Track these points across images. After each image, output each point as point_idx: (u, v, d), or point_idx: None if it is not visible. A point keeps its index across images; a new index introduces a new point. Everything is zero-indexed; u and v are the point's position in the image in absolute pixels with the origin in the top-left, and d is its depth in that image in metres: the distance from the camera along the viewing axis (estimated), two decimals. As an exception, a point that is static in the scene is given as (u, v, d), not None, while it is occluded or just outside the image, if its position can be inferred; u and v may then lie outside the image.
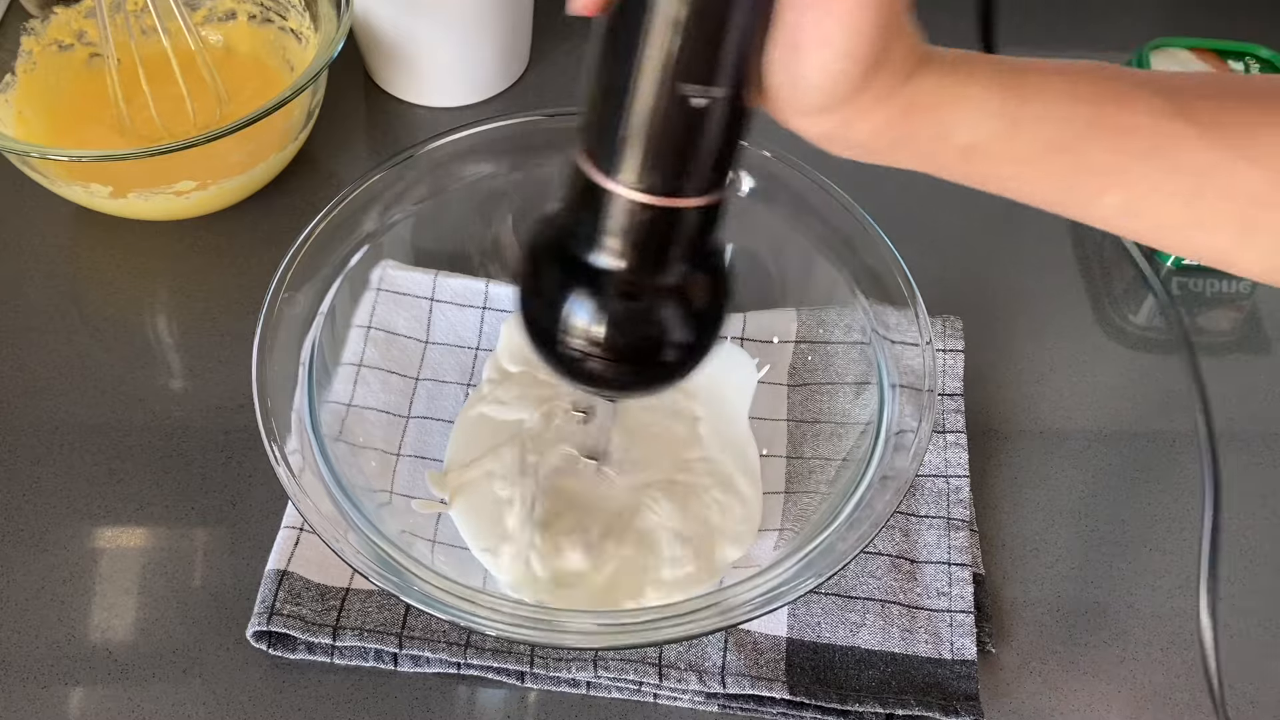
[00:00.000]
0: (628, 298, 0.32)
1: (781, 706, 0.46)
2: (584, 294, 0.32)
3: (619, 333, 0.32)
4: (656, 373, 0.35)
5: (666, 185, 0.30)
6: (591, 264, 0.32)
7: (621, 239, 0.31)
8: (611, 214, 0.31)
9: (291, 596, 0.46)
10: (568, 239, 0.32)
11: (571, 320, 0.32)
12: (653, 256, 0.32)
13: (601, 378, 0.34)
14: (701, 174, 0.30)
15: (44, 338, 0.58)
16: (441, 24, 0.66)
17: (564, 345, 0.33)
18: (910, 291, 0.49)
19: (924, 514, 0.51)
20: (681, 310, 0.33)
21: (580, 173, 0.31)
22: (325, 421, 0.47)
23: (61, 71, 0.65)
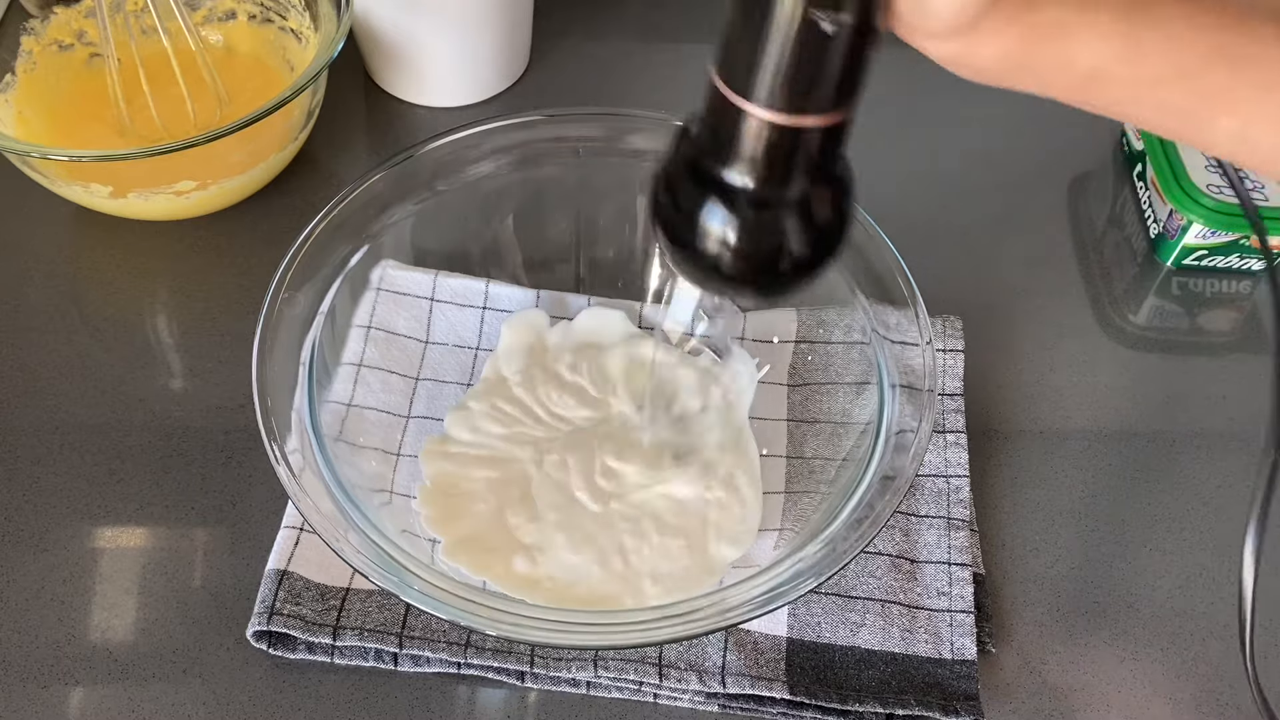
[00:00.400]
0: (755, 209, 0.34)
1: (782, 706, 0.46)
2: (715, 206, 0.34)
3: (746, 242, 0.34)
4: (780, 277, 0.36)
5: (795, 105, 0.31)
6: (722, 178, 0.33)
7: (750, 154, 0.33)
8: (742, 131, 0.32)
9: (291, 596, 0.46)
10: (701, 153, 0.34)
11: (704, 229, 0.34)
12: (779, 171, 0.33)
13: (730, 280, 0.36)
14: (829, 95, 0.32)
15: (44, 338, 0.58)
16: (441, 24, 0.66)
17: (697, 253, 0.35)
18: (910, 291, 0.49)
19: (924, 514, 0.51)
20: (804, 221, 0.35)
21: (714, 89, 0.33)
22: (325, 421, 0.47)
23: (61, 71, 0.65)
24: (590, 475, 0.51)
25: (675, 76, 0.73)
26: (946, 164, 0.70)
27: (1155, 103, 0.30)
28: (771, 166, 0.33)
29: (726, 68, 0.32)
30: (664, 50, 0.75)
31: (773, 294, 0.37)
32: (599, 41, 0.76)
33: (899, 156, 0.70)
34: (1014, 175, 0.69)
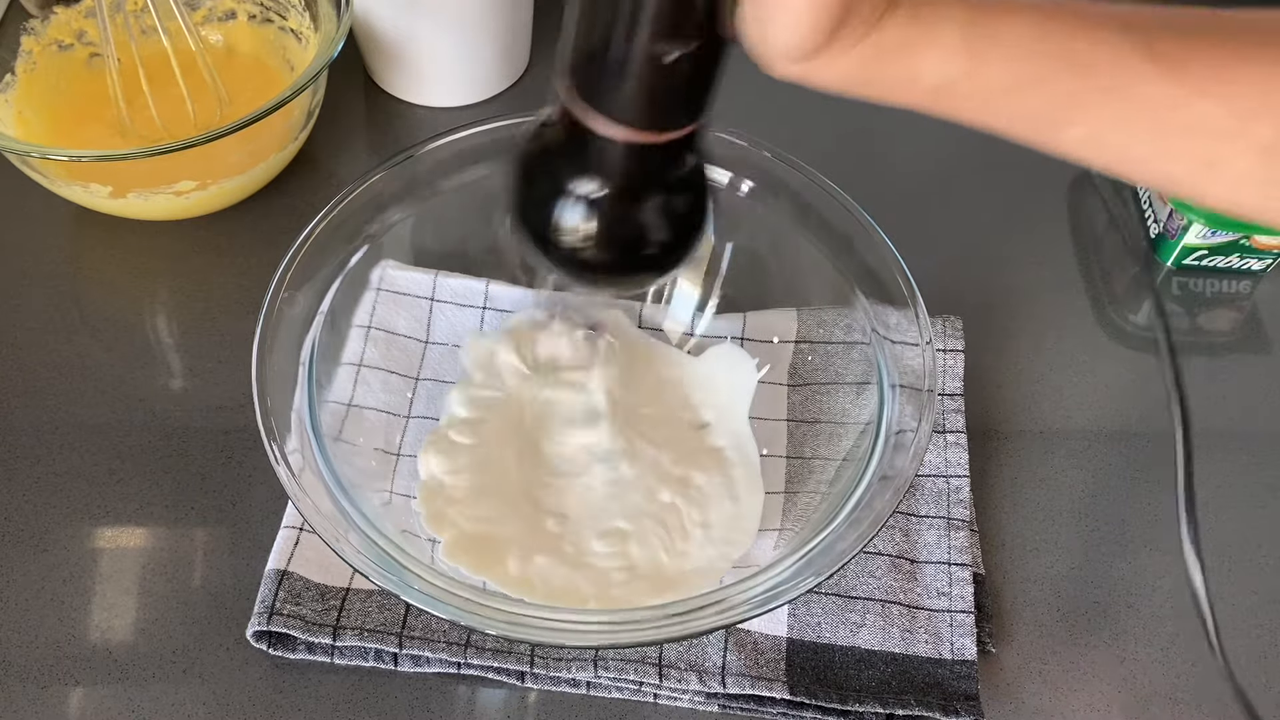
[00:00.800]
0: (607, 218, 0.35)
1: (781, 706, 0.46)
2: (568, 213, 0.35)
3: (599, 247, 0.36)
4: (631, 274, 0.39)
5: (644, 123, 0.32)
6: (574, 189, 0.34)
7: (602, 168, 0.34)
8: (592, 147, 0.33)
9: (291, 596, 0.46)
10: (553, 164, 0.35)
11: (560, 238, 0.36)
12: (630, 181, 0.34)
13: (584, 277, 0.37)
14: (679, 112, 0.33)
15: (44, 338, 0.58)
16: (441, 24, 0.66)
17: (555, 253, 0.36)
18: (910, 291, 0.49)
19: (924, 514, 0.51)
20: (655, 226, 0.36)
21: (562, 101, 0.33)
22: (325, 421, 0.47)
23: (61, 71, 0.65)
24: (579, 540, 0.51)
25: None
26: (946, 164, 0.70)
27: (1006, 112, 0.31)
28: (623, 175, 0.34)
29: (573, 79, 0.32)
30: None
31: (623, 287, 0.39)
32: (599, 41, 0.76)
33: (899, 156, 0.70)
34: (1014, 175, 0.69)
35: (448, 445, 0.52)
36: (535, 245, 0.37)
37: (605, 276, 0.38)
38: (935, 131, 0.73)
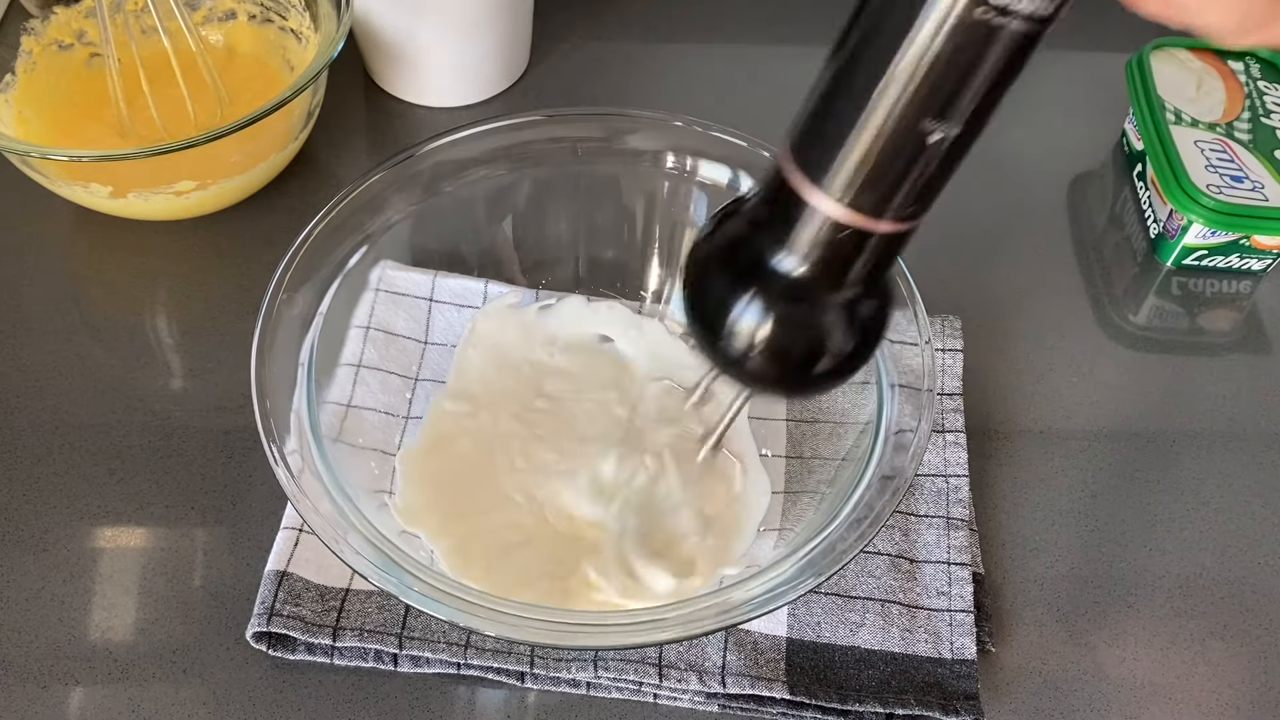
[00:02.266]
0: (799, 302, 0.33)
1: (781, 706, 0.46)
2: (758, 292, 0.33)
3: (784, 335, 0.33)
4: (808, 379, 0.36)
5: (873, 208, 0.30)
6: (771, 262, 0.32)
7: (812, 248, 0.31)
8: (808, 223, 0.31)
9: (291, 597, 0.46)
10: (755, 235, 0.33)
11: (743, 319, 0.33)
12: (837, 270, 0.32)
13: (754, 374, 0.35)
14: (910, 202, 0.31)
15: (44, 338, 0.58)
16: (441, 24, 0.66)
17: (731, 341, 0.34)
18: (909, 291, 0.49)
19: (923, 513, 0.51)
20: (848, 325, 0.34)
21: (781, 174, 0.31)
22: (324, 422, 0.47)
23: (61, 71, 0.65)
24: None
25: (675, 76, 0.73)
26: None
27: None
28: (830, 267, 0.32)
29: (801, 150, 0.30)
30: (664, 50, 0.75)
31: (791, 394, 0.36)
32: (599, 41, 0.76)
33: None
34: (1014, 175, 0.69)
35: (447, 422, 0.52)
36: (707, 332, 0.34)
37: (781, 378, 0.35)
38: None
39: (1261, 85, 0.67)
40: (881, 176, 0.29)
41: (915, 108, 0.28)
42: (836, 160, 0.29)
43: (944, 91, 0.28)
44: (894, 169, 0.29)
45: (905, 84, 0.28)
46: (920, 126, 0.28)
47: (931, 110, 0.28)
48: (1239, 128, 0.65)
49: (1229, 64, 0.68)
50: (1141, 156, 0.66)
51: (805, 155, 0.30)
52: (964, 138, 0.29)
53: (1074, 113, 0.73)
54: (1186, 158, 0.62)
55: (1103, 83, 0.73)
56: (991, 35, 0.27)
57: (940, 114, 0.28)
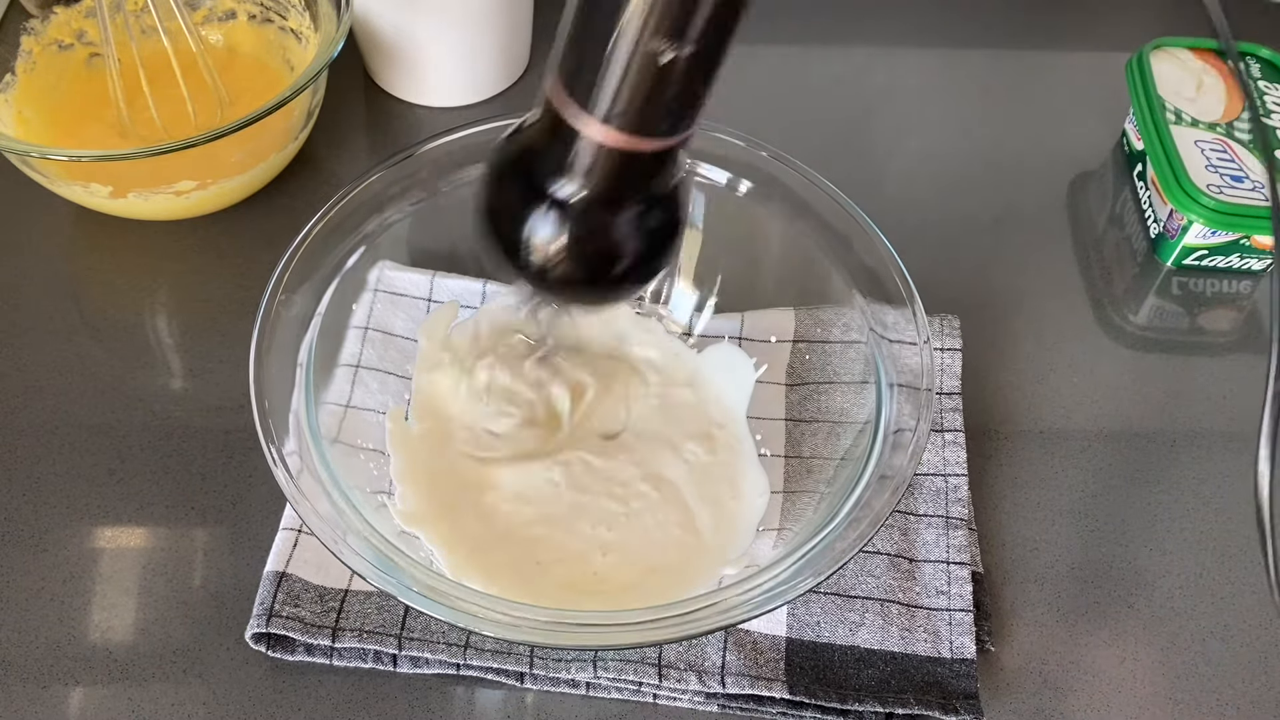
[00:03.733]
0: (584, 224, 0.35)
1: (781, 706, 0.46)
2: (543, 217, 0.35)
3: (572, 255, 0.35)
4: (601, 287, 0.38)
5: (632, 127, 0.32)
6: (552, 191, 0.34)
7: (585, 171, 0.33)
8: (577, 148, 0.33)
9: (290, 598, 0.46)
10: (532, 164, 0.35)
11: (532, 242, 0.35)
12: (612, 188, 0.34)
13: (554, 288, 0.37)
14: (668, 120, 0.32)
15: (44, 338, 0.58)
16: (441, 24, 0.66)
17: (524, 258, 0.36)
18: (908, 291, 0.49)
19: (922, 513, 0.51)
20: (633, 237, 0.36)
21: (550, 102, 0.33)
22: (323, 422, 0.47)
23: (61, 71, 0.65)
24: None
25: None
26: (946, 164, 0.70)
27: None
28: (605, 183, 0.34)
29: (565, 79, 0.32)
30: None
31: (595, 303, 0.39)
32: (599, 41, 0.76)
33: (899, 156, 0.70)
34: (1014, 175, 0.69)
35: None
36: (503, 254, 0.36)
37: (572, 290, 0.37)
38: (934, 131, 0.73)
39: (1262, 85, 0.67)
40: (633, 98, 0.31)
41: (648, 30, 0.30)
42: (595, 86, 0.32)
43: (670, 13, 0.30)
44: (641, 89, 0.31)
45: (635, 8, 0.30)
46: (653, 47, 0.30)
47: (662, 31, 0.30)
48: (1239, 127, 0.64)
49: (1229, 64, 0.68)
50: (1142, 156, 0.66)
51: (570, 83, 0.32)
52: (699, 57, 0.31)
53: (1074, 113, 0.73)
54: (1187, 157, 0.62)
55: (1103, 83, 0.73)
56: None
57: (670, 34, 0.30)
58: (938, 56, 0.77)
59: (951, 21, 0.79)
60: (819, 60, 0.75)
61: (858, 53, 0.76)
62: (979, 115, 0.73)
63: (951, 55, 0.77)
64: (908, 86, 0.75)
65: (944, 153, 0.70)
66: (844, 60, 0.75)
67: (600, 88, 0.31)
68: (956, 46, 0.77)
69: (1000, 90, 0.75)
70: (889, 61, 0.76)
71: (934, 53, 0.77)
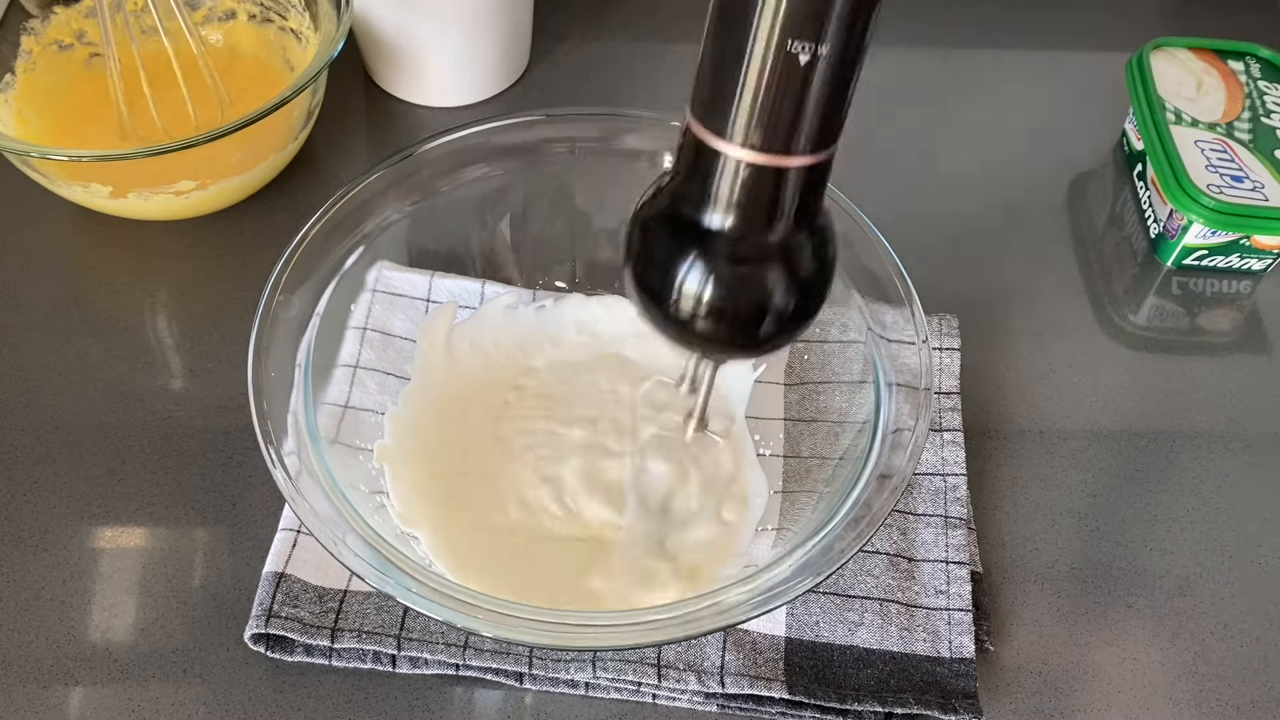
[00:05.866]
0: (737, 258, 0.33)
1: (780, 706, 0.46)
2: (696, 256, 0.33)
3: (728, 294, 0.33)
4: (762, 333, 0.35)
5: (777, 144, 0.31)
6: (702, 224, 0.33)
7: (735, 198, 0.32)
8: (722, 175, 0.31)
9: (289, 599, 0.46)
10: (680, 202, 0.33)
11: (685, 284, 0.33)
12: (764, 214, 0.32)
13: (710, 339, 0.35)
14: (812, 132, 0.31)
15: (44, 338, 0.58)
16: (441, 24, 0.66)
17: (677, 308, 0.34)
18: (906, 290, 0.49)
19: (921, 512, 0.51)
20: (788, 272, 0.34)
21: (692, 135, 0.32)
22: (322, 423, 0.47)
23: (61, 71, 0.65)
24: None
25: (675, 77, 0.73)
26: (946, 164, 0.70)
27: None
28: (753, 212, 0.32)
29: (702, 106, 0.31)
30: (664, 50, 0.75)
31: (753, 352, 0.37)
32: (599, 41, 0.76)
33: (898, 155, 0.70)
34: (1014, 175, 0.69)
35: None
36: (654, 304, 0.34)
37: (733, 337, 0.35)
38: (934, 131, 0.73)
39: (1262, 85, 0.67)
40: (772, 110, 0.30)
41: (779, 31, 0.29)
42: (731, 107, 0.30)
43: (801, 10, 0.29)
44: (780, 100, 0.30)
45: (764, 10, 0.29)
46: (789, 48, 0.29)
47: (794, 30, 0.29)
48: (1239, 128, 0.64)
49: (1229, 64, 0.68)
50: (1141, 156, 0.66)
51: (706, 112, 0.31)
52: (836, 57, 0.29)
53: (1074, 113, 0.73)
54: (1187, 157, 0.62)
55: (1103, 83, 0.73)
56: None
57: (803, 33, 0.29)
58: (937, 56, 0.77)
59: (951, 21, 0.79)
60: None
61: (858, 52, 0.76)
62: (979, 115, 0.73)
63: (951, 55, 0.77)
64: (908, 86, 0.75)
65: (944, 152, 0.70)
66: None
67: (737, 107, 0.30)
68: (956, 46, 0.77)
69: (1000, 90, 0.75)
70: (889, 61, 0.76)
71: (934, 53, 0.77)
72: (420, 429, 0.52)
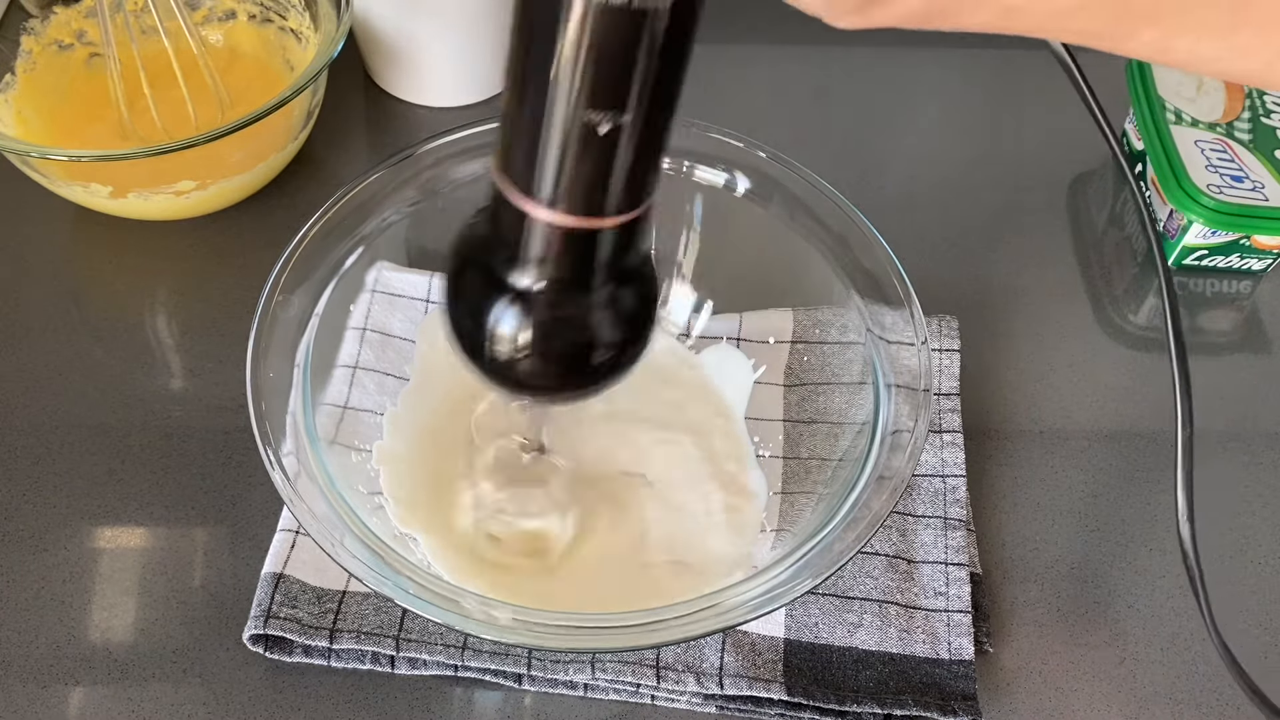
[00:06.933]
0: (548, 314, 0.33)
1: (779, 707, 0.46)
2: (506, 311, 0.33)
3: (538, 349, 0.33)
4: (575, 381, 0.35)
5: (581, 207, 0.30)
6: (511, 282, 0.32)
7: (540, 258, 0.31)
8: (529, 234, 0.31)
9: (288, 600, 0.46)
10: (489, 253, 0.33)
11: (495, 335, 0.33)
12: (571, 274, 0.32)
13: (524, 386, 0.35)
14: (620, 195, 0.30)
15: (44, 338, 0.58)
16: (441, 24, 0.66)
17: (489, 356, 0.34)
18: (906, 291, 0.49)
19: (921, 514, 0.51)
20: (603, 324, 0.33)
21: (497, 189, 0.31)
22: (320, 424, 0.47)
23: (61, 71, 0.65)
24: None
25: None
26: (946, 164, 0.70)
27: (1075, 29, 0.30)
28: (561, 268, 0.31)
29: (504, 162, 0.30)
30: (664, 49, 0.75)
31: (570, 398, 0.36)
32: (599, 41, 0.75)
33: (898, 156, 0.70)
34: (1014, 175, 0.69)
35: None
36: (468, 351, 0.34)
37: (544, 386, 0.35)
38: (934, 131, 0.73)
39: (1262, 84, 0.67)
40: (578, 174, 0.29)
41: (576, 101, 0.27)
42: (533, 169, 0.29)
43: (597, 80, 0.27)
44: (585, 165, 0.29)
45: (558, 79, 0.27)
46: (587, 119, 0.27)
47: (592, 101, 0.27)
48: (1239, 128, 0.64)
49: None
50: (1142, 156, 0.66)
51: (508, 168, 0.30)
52: (640, 124, 0.28)
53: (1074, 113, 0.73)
54: (1187, 158, 0.62)
55: (1103, 83, 0.73)
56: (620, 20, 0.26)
57: (600, 104, 0.27)
58: (937, 56, 0.77)
59: (952, 21, 0.79)
60: (818, 61, 0.75)
61: (857, 53, 0.76)
62: (979, 115, 0.73)
63: (951, 55, 0.77)
64: (907, 86, 0.75)
65: (943, 152, 0.70)
66: (843, 60, 0.75)
67: (540, 169, 0.29)
68: (957, 46, 0.77)
69: (1000, 90, 0.75)
70: (888, 61, 0.76)
71: (934, 53, 0.77)
72: (419, 430, 0.52)
